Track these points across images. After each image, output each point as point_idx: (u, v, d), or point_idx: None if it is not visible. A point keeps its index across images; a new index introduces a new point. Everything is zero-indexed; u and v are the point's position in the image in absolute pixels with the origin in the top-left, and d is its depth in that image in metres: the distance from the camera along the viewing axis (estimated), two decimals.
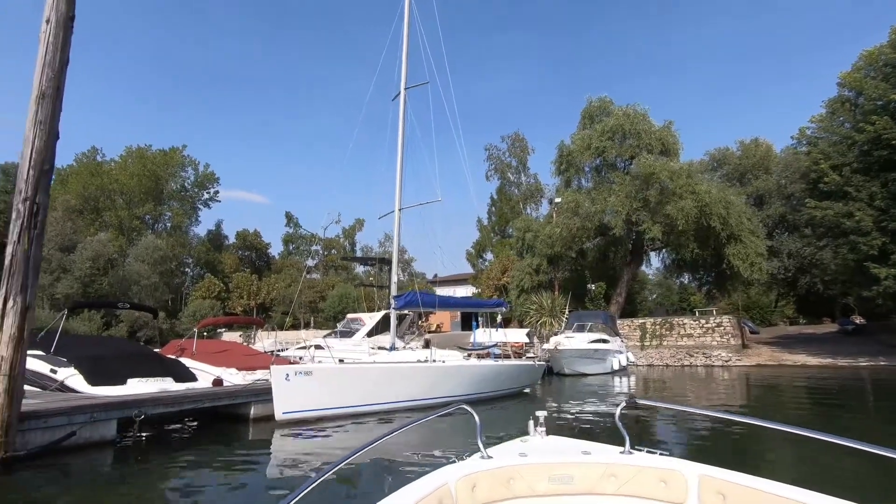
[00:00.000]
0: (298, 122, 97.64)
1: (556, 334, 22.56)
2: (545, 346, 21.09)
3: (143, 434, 7.10)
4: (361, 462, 5.72)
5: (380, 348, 13.09)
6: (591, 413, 10.75)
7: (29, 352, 8.44)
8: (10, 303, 5.41)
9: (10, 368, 5.37)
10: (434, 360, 10.71)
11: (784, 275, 37.58)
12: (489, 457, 2.42)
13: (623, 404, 2.67)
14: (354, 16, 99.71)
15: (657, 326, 29.72)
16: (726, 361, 25.87)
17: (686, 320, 30.05)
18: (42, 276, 45.88)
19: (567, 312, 27.67)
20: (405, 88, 13.00)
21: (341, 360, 10.90)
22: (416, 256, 58.11)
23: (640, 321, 30.80)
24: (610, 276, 36.71)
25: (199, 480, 5.72)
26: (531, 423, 2.81)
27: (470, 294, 47.26)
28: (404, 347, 13.23)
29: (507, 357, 13.45)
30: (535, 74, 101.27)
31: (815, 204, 25.12)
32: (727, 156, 41.88)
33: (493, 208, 49.51)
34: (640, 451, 2.49)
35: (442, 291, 52.63)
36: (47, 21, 5.93)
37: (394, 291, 13.58)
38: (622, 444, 2.52)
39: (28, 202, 5.59)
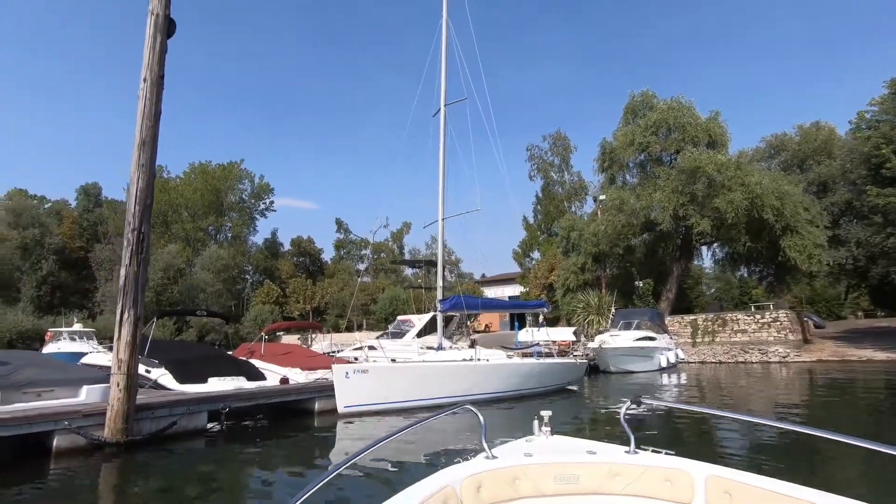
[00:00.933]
0: (345, 132, 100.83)
1: (602, 332, 22.74)
2: (590, 344, 21.34)
3: (228, 424, 8.28)
4: (367, 462, 5.81)
5: (428, 348, 13.97)
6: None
7: None
8: (126, 315, 6.64)
9: (127, 368, 6.59)
10: (478, 359, 11.49)
11: (853, 265, 35.58)
12: (494, 457, 2.43)
13: (628, 404, 2.66)
14: (400, 30, 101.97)
15: (709, 323, 29.08)
16: (784, 357, 25.04)
17: (740, 316, 29.23)
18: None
19: (613, 310, 27.65)
20: (444, 105, 13.91)
21: (393, 360, 11.82)
22: (462, 258, 58.94)
23: (691, 317, 30.21)
24: (659, 272, 36.04)
25: (276, 461, 6.76)
26: (536, 423, 2.83)
27: (518, 293, 47.62)
28: (451, 347, 14.06)
29: (550, 356, 13.98)
30: (577, 69, 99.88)
31: (877, 191, 23.94)
32: (785, 142, 39.90)
33: (539, 207, 49.49)
34: (645, 450, 2.49)
35: (490, 291, 53.22)
36: (144, 80, 7.16)
37: (440, 295, 14.45)
38: (627, 443, 2.52)
39: (135, 232, 6.81)
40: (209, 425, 8.07)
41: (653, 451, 2.48)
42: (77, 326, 34.82)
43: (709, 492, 2.16)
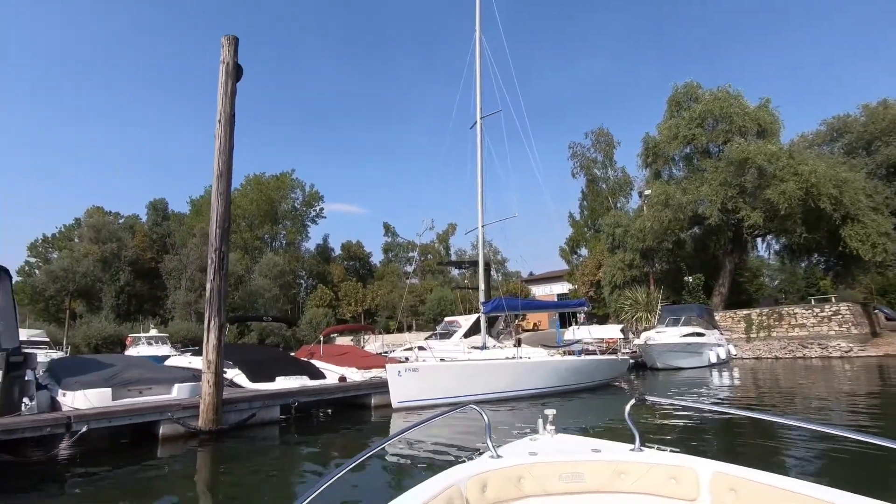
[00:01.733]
0: (389, 137, 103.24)
1: (649, 329, 22.75)
2: (636, 341, 21.44)
3: (296, 416, 9.40)
4: (372, 463, 5.94)
5: (473, 347, 14.76)
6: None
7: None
8: (212, 322, 7.82)
9: (215, 367, 7.77)
10: (519, 357, 12.17)
11: None
12: (499, 456, 2.44)
13: (632, 401, 2.67)
14: (438, 39, 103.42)
15: (764, 317, 28.26)
16: (846, 352, 24.10)
17: (797, 309, 28.21)
18: (187, 293, 54.04)
19: (660, 307, 27.43)
20: (480, 118, 14.67)
21: (442, 359, 12.68)
22: (508, 257, 59.23)
23: (745, 312, 29.42)
24: (712, 265, 35.17)
25: (338, 449, 7.75)
26: (540, 421, 2.85)
27: (567, 290, 47.57)
28: (494, 346, 14.78)
29: (592, 353, 14.43)
30: (619, 58, 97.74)
31: None
32: (848, 123, 37.66)
33: (585, 203, 48.99)
34: (650, 448, 2.51)
35: (538, 289, 53.35)
36: (219, 121, 8.34)
37: (482, 298, 15.19)
38: (632, 441, 2.53)
39: (217, 252, 7.98)
40: (281, 418, 9.22)
41: (658, 448, 2.49)
42: (153, 332, 38.01)
43: (714, 489, 2.16)
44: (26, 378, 7.52)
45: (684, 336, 20.25)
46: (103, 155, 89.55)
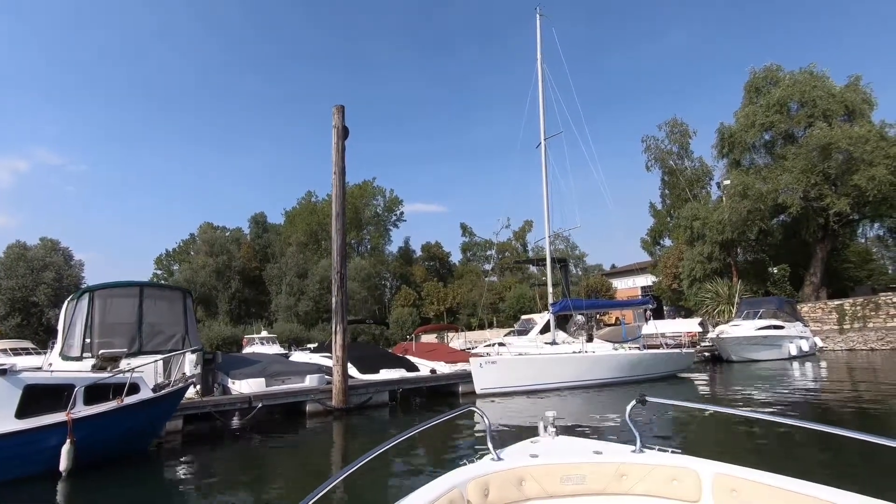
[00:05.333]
0: (465, 139, 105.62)
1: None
2: (709, 334, 21.93)
3: (400, 400, 11.83)
4: (374, 466, 6.70)
5: (546, 343, 16.54)
6: (757, 396, 11.68)
7: (322, 354, 14.07)
8: (339, 327, 10.40)
9: (343, 361, 10.33)
10: (585, 352, 13.85)
11: None
12: (500, 458, 2.45)
13: (633, 403, 2.66)
14: (505, 32, 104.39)
15: (858, 307, 27.04)
16: None
17: None
18: (287, 298, 59.93)
19: (738, 299, 27.25)
20: (544, 140, 16.40)
21: (520, 354, 14.60)
22: (587, 252, 59.32)
23: (837, 302, 28.24)
24: (802, 254, 33.66)
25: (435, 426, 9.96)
26: (541, 423, 2.86)
27: (650, 283, 47.16)
28: (564, 341, 16.46)
29: (655, 347, 15.67)
30: (694, 39, 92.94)
31: None
32: None
33: (666, 191, 47.57)
34: (651, 449, 2.50)
35: (619, 282, 53.21)
36: (334, 173, 10.90)
37: (551, 299, 16.96)
38: (633, 442, 2.52)
39: (339, 274, 10.55)
40: (389, 402, 11.72)
41: (659, 449, 2.48)
42: (264, 333, 43.17)
43: (716, 490, 2.15)
44: (214, 370, 10.56)
45: (760, 329, 20.48)
46: (206, 176, 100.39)
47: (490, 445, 2.54)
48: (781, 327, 21.22)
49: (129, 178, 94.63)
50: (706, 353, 21.68)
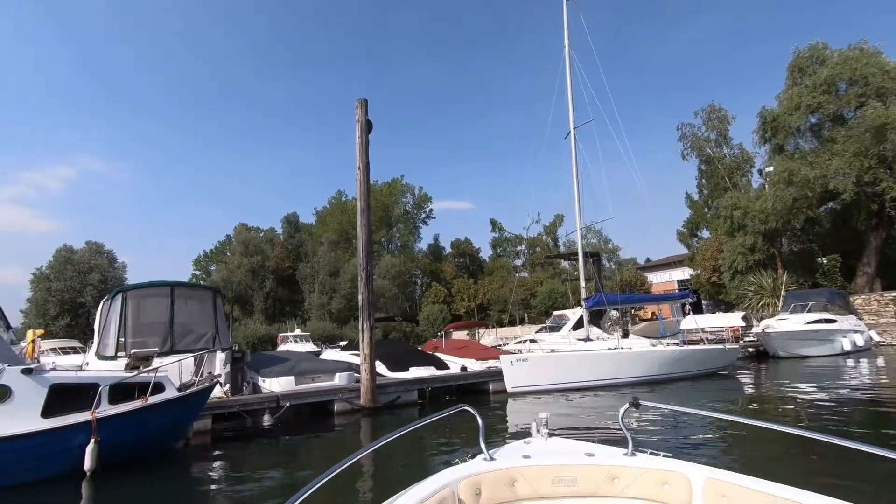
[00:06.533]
0: (491, 135, 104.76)
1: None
2: (754, 329, 20.84)
3: (430, 398, 11.56)
4: (366, 464, 6.11)
5: (579, 339, 15.97)
6: (802, 396, 11.06)
7: (352, 352, 13.92)
8: (366, 325, 10.20)
9: (370, 360, 10.13)
10: (620, 348, 13.23)
11: None
12: (492, 458, 2.45)
13: (626, 406, 2.65)
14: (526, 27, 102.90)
15: None
16: None
17: None
18: (320, 296, 60.75)
19: (784, 292, 25.85)
20: (574, 129, 15.80)
21: (552, 351, 14.13)
22: (620, 245, 57.87)
23: (894, 294, 26.47)
24: (855, 244, 31.69)
25: (464, 424, 9.65)
26: (533, 424, 2.86)
27: (688, 276, 45.63)
28: (598, 338, 15.85)
29: (696, 343, 14.89)
30: (731, 19, 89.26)
31: None
32: None
33: (704, 181, 45.92)
34: (643, 452, 2.50)
35: (654, 276, 51.72)
36: (358, 168, 10.69)
37: (583, 294, 16.34)
38: (625, 445, 2.53)
39: (365, 270, 10.35)
40: (418, 400, 11.45)
41: (651, 453, 2.50)
42: (297, 331, 43.83)
43: (706, 494, 2.16)
44: (244, 369, 10.54)
45: (809, 323, 19.31)
46: (240, 178, 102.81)
47: (482, 445, 2.53)
48: (833, 321, 19.95)
49: (168, 183, 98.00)
50: (751, 349, 20.62)
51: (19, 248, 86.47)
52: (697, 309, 30.16)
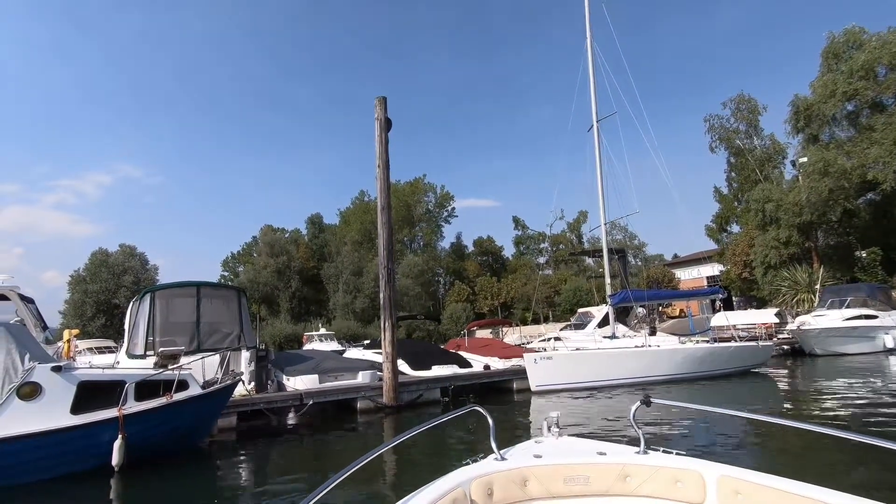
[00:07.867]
0: (520, 133, 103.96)
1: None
2: (789, 325, 20.09)
3: (452, 397, 11.46)
4: (378, 464, 6.07)
5: (605, 337, 15.64)
6: (847, 393, 10.68)
7: (375, 350, 13.91)
8: (387, 323, 10.16)
9: (393, 358, 10.09)
10: (648, 346, 12.88)
11: None
12: (504, 458, 2.44)
13: (637, 404, 2.63)
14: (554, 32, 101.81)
15: None
16: None
17: None
18: (344, 296, 61.35)
19: (820, 287, 24.85)
20: (597, 122, 15.45)
21: (578, 349, 13.87)
22: (647, 241, 56.73)
23: None
24: None
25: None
26: (545, 424, 2.86)
27: (717, 272, 44.44)
28: (625, 335, 15.48)
29: (728, 340, 14.39)
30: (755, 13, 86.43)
31: None
32: None
33: (733, 174, 44.59)
34: (656, 451, 2.48)
35: (682, 272, 50.53)
36: (378, 166, 10.65)
37: (609, 291, 15.98)
38: (637, 444, 2.51)
39: (386, 268, 10.32)
40: (441, 398, 11.37)
41: (663, 451, 2.47)
42: (322, 330, 44.32)
43: (720, 492, 2.14)
44: (268, 367, 10.63)
45: (847, 319, 18.50)
46: (267, 179, 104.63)
47: (494, 445, 2.52)
48: (874, 317, 19.08)
49: (198, 187, 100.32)
50: (785, 347, 19.91)
51: (60, 254, 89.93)
52: (728, 305, 29.31)
